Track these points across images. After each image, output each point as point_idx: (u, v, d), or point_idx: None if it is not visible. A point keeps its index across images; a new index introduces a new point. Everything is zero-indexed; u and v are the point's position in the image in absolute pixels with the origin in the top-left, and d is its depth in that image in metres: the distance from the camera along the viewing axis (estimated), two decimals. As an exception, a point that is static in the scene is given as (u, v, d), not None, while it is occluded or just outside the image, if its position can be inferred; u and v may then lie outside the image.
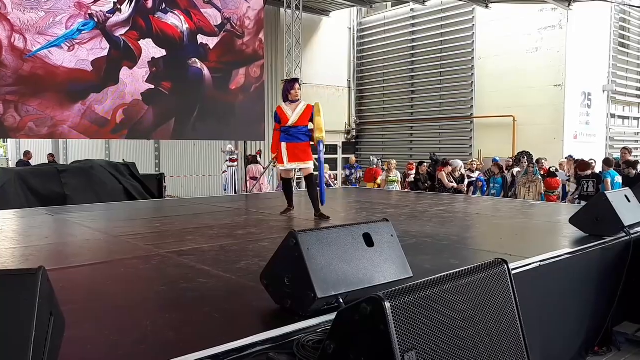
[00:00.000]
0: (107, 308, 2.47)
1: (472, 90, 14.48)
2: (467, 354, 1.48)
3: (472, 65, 14.42)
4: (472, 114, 14.54)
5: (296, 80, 5.62)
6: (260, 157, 12.83)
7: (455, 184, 9.93)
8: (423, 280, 1.46)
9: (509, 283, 1.69)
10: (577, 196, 8.82)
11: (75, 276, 3.03)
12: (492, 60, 13.98)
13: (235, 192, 11.86)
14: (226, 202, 7.66)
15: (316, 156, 5.50)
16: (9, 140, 31.45)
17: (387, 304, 1.32)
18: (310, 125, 5.36)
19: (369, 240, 2.46)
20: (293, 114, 5.28)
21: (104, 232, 4.68)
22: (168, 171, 11.69)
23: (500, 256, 1.83)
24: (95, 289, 2.82)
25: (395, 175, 11.13)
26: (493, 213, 6.03)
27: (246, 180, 11.89)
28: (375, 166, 12.12)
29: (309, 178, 5.48)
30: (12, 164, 19.87)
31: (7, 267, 3.17)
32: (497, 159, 11.12)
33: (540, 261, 3.19)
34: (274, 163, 5.67)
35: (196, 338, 2.04)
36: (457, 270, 1.58)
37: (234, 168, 12.25)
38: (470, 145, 14.54)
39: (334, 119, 16.88)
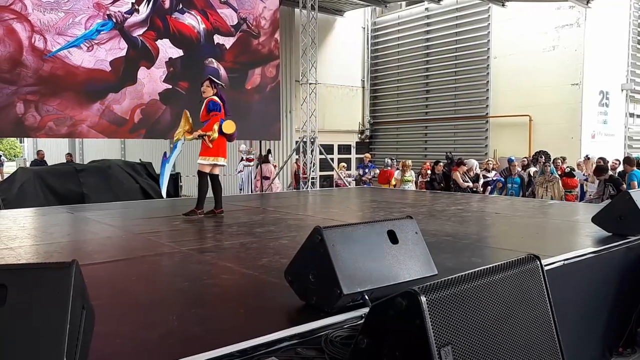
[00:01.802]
0: (133, 303, 2.49)
1: (487, 90, 14.37)
2: (502, 350, 1.46)
3: (488, 65, 14.31)
4: (487, 114, 14.43)
5: (208, 79, 5.68)
6: (272, 157, 12.86)
7: (470, 184, 9.86)
8: (457, 275, 1.45)
9: (542, 279, 1.67)
10: (596, 197, 8.70)
11: (99, 272, 3.05)
12: (508, 59, 13.86)
13: (251, 192, 11.90)
14: (242, 201, 7.68)
15: (211, 158, 5.47)
16: (25, 140, 31.95)
17: (423, 299, 1.31)
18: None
19: (393, 238, 2.45)
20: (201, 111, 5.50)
21: (125, 230, 4.72)
22: (184, 171, 11.74)
23: (522, 255, 1.81)
24: (119, 285, 2.84)
25: (411, 175, 11.06)
26: (512, 212, 5.97)
27: (262, 178, 11.91)
28: (389, 167, 12.07)
29: (199, 175, 5.53)
30: (28, 164, 20.11)
31: (32, 263, 3.21)
32: (513, 158, 11.02)
33: (565, 260, 3.15)
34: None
35: (223, 333, 2.04)
36: (491, 265, 1.57)
37: (250, 168, 12.29)
38: (486, 145, 14.43)
39: (347, 119, 16.87)
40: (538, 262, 1.69)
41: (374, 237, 2.40)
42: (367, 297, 2.24)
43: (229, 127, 5.41)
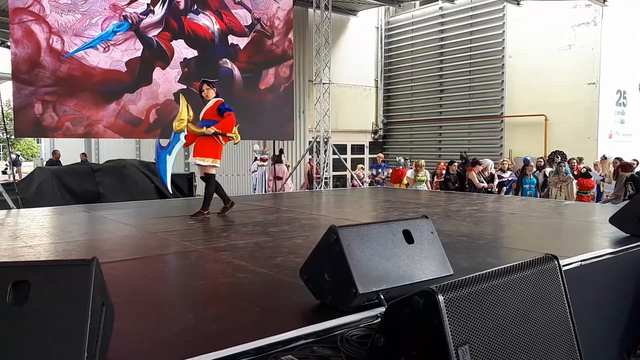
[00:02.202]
0: (150, 301, 2.52)
1: (502, 89, 14.27)
2: (519, 350, 1.45)
3: (503, 64, 14.20)
4: (502, 113, 14.32)
5: (203, 81, 5.71)
6: (284, 157, 12.88)
7: (485, 184, 9.80)
8: (475, 274, 1.44)
9: (560, 279, 1.66)
10: (613, 197, 8.59)
11: (116, 271, 3.09)
12: (523, 59, 13.74)
13: (265, 192, 11.94)
14: (256, 201, 7.72)
15: (211, 159, 5.50)
16: (42, 140, 32.41)
17: (441, 297, 1.31)
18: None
19: (408, 237, 2.44)
20: (202, 111, 5.52)
21: (141, 229, 4.77)
22: (198, 170, 11.84)
23: (539, 255, 1.80)
24: (136, 283, 2.87)
25: (425, 174, 11.00)
26: (527, 212, 5.92)
27: (274, 178, 11.94)
28: (401, 166, 12.03)
29: (205, 177, 5.55)
30: (44, 164, 20.41)
31: (51, 261, 3.26)
32: (529, 158, 10.93)
33: (582, 260, 3.12)
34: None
35: (239, 331, 2.06)
36: (508, 265, 1.56)
37: (264, 168, 12.33)
38: (501, 145, 14.33)
39: (360, 119, 16.85)
40: (556, 262, 1.68)
41: (389, 236, 2.40)
42: (382, 297, 2.24)
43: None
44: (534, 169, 10.41)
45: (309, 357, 1.85)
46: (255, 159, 12.92)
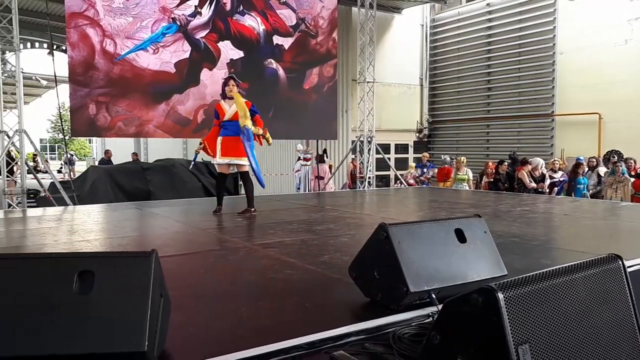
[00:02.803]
0: (202, 295, 2.58)
1: (553, 87, 13.80)
2: (581, 350, 1.40)
3: (553, 61, 13.74)
4: (553, 112, 13.85)
5: (231, 77, 5.73)
6: (327, 157, 12.89)
7: (535, 184, 9.51)
8: (535, 272, 1.41)
9: (624, 280, 1.59)
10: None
11: (169, 265, 3.17)
12: (576, 55, 13.25)
13: (308, 191, 12.00)
14: (300, 200, 7.77)
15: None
16: (93, 140, 33.71)
17: (500, 295, 1.28)
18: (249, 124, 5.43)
19: (461, 236, 2.40)
20: (229, 109, 5.47)
21: (191, 225, 4.88)
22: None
23: (596, 257, 1.73)
24: (189, 277, 2.95)
25: (465, 173, 10.73)
26: (581, 214, 5.71)
27: (316, 178, 11.98)
28: (448, 165, 11.84)
29: (244, 174, 5.60)
30: (97, 163, 21.23)
31: (108, 254, 3.38)
32: (582, 158, 10.53)
33: (644, 263, 2.99)
34: (197, 152, 5.83)
35: (290, 325, 2.08)
36: (570, 264, 1.51)
37: (307, 167, 12.40)
38: (552, 144, 13.86)
39: (405, 118, 16.67)
40: (620, 262, 1.61)
41: (441, 235, 2.37)
42: (434, 296, 2.21)
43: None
44: (586, 169, 10.02)
45: (361, 354, 1.85)
46: (299, 158, 13.00)
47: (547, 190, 9.66)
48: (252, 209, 5.50)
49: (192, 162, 5.92)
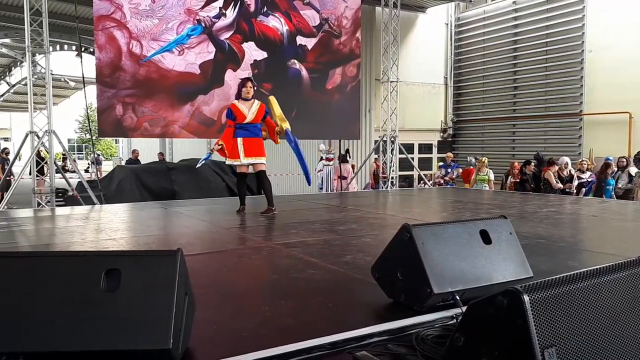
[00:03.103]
0: (226, 293, 2.60)
1: (581, 86, 13.50)
2: (610, 356, 1.37)
3: (582, 59, 13.44)
4: (581, 111, 13.55)
5: (249, 79, 5.83)
6: (350, 156, 12.86)
7: (562, 185, 9.32)
8: (563, 275, 1.38)
9: (657, 284, 1.55)
10: None
11: (193, 264, 3.20)
12: (605, 53, 12.93)
13: (331, 191, 12.01)
14: (323, 199, 7.77)
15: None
16: (120, 140, 34.31)
17: (526, 298, 1.26)
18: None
19: (486, 238, 2.37)
20: (249, 112, 5.53)
21: (215, 224, 4.93)
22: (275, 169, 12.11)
23: (625, 260, 1.68)
24: (213, 275, 2.97)
25: (487, 173, 10.54)
26: (610, 215, 5.58)
27: (338, 178, 11.97)
28: (472, 166, 11.70)
29: (260, 173, 5.68)
30: (123, 163, 21.63)
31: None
32: (611, 158, 10.28)
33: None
34: (211, 151, 5.83)
35: (313, 325, 2.08)
36: (600, 266, 1.47)
37: (329, 167, 12.40)
38: (580, 145, 13.57)
39: (428, 117, 16.52)
40: (653, 265, 1.56)
41: (465, 236, 2.34)
42: (458, 298, 2.18)
43: None
44: (615, 169, 9.79)
45: (384, 354, 1.84)
46: (321, 158, 13.01)
47: (575, 191, 9.47)
48: (273, 208, 5.53)
49: (203, 160, 5.95)
